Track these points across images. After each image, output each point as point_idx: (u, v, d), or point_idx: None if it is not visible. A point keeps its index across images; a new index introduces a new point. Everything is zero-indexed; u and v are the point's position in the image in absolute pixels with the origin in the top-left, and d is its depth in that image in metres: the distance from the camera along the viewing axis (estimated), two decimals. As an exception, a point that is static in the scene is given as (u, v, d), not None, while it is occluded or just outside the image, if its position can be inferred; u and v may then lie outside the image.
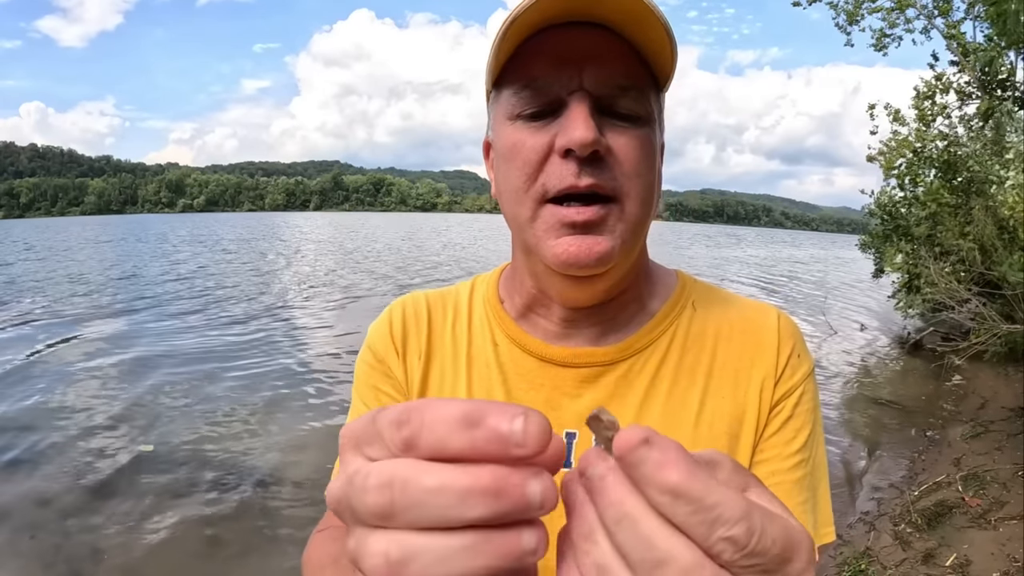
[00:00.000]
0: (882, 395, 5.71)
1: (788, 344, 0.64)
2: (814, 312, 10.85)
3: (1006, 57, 6.09)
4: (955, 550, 2.83)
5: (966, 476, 3.62)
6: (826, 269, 22.28)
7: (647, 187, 0.57)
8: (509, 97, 0.56)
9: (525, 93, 0.55)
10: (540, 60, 0.54)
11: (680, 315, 0.65)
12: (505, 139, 0.57)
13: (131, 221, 79.37)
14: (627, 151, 0.54)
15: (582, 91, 0.53)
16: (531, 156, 0.55)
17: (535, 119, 0.55)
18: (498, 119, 0.59)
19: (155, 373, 5.91)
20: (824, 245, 53.02)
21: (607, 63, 0.54)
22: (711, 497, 0.21)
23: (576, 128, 0.51)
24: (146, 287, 12.32)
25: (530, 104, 0.55)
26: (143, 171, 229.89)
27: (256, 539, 3.11)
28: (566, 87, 0.53)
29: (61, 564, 2.91)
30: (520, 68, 0.55)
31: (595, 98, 0.53)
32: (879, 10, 7.19)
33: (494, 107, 0.60)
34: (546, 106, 0.55)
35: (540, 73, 0.54)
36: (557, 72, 0.53)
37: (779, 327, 0.65)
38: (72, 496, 3.52)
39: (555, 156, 0.54)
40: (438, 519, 0.21)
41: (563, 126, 0.53)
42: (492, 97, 0.60)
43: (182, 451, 4.16)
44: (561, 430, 0.61)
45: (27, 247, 25.45)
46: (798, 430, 0.61)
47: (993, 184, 4.74)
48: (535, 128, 0.55)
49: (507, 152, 0.57)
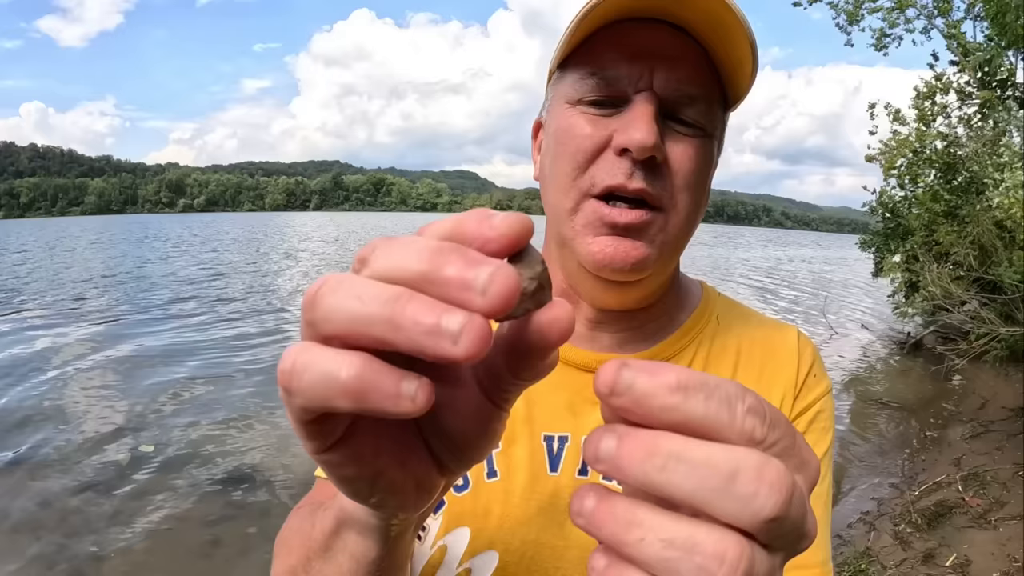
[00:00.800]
0: (882, 395, 5.71)
1: (807, 362, 0.65)
2: (815, 312, 10.84)
3: (1005, 57, 6.09)
4: (955, 550, 2.83)
5: (966, 476, 3.62)
6: (827, 268, 22.28)
7: (696, 202, 0.55)
8: (573, 82, 0.55)
9: (591, 81, 0.53)
10: (612, 51, 0.52)
11: (704, 328, 0.65)
12: (561, 122, 0.55)
13: (131, 221, 79.38)
14: (683, 162, 0.53)
15: (650, 91, 0.51)
16: (585, 144, 0.53)
17: (596, 107, 0.53)
18: (557, 101, 0.57)
19: (156, 373, 5.91)
20: (824, 245, 53.00)
21: (680, 67, 0.52)
22: (711, 379, 0.20)
23: (637, 129, 0.50)
24: (146, 287, 12.31)
25: (594, 92, 0.53)
26: (143, 171, 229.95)
27: (256, 539, 3.12)
28: (634, 84, 0.52)
29: (63, 564, 2.92)
30: (590, 54, 0.53)
31: (661, 101, 0.52)
32: (879, 10, 7.19)
33: (555, 88, 0.58)
34: (610, 98, 0.53)
35: (610, 64, 0.52)
36: (628, 66, 0.52)
37: (799, 346, 0.66)
38: (73, 496, 3.53)
39: (610, 151, 0.52)
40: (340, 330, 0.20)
41: (624, 123, 0.51)
42: (555, 77, 0.58)
43: (182, 451, 4.16)
44: (579, 436, 0.59)
45: (26, 246, 25.45)
46: (813, 445, 0.60)
47: (989, 186, 4.74)
48: (595, 117, 0.53)
49: (561, 136, 0.55)
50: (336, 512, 0.35)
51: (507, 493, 0.58)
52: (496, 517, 0.58)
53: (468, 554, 0.58)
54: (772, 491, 0.19)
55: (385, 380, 0.19)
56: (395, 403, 0.19)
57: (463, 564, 0.58)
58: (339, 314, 0.20)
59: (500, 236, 0.21)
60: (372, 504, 0.27)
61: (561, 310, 0.22)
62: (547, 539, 0.58)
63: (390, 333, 0.19)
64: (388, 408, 0.19)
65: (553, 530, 0.58)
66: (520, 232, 0.21)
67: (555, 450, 0.59)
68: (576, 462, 0.59)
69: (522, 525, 0.58)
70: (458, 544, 0.59)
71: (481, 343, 0.18)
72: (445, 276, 0.19)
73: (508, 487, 0.58)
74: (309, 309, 0.21)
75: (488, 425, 0.26)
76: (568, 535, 0.58)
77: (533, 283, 0.22)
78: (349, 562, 0.35)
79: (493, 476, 0.60)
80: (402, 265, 0.20)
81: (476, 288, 0.19)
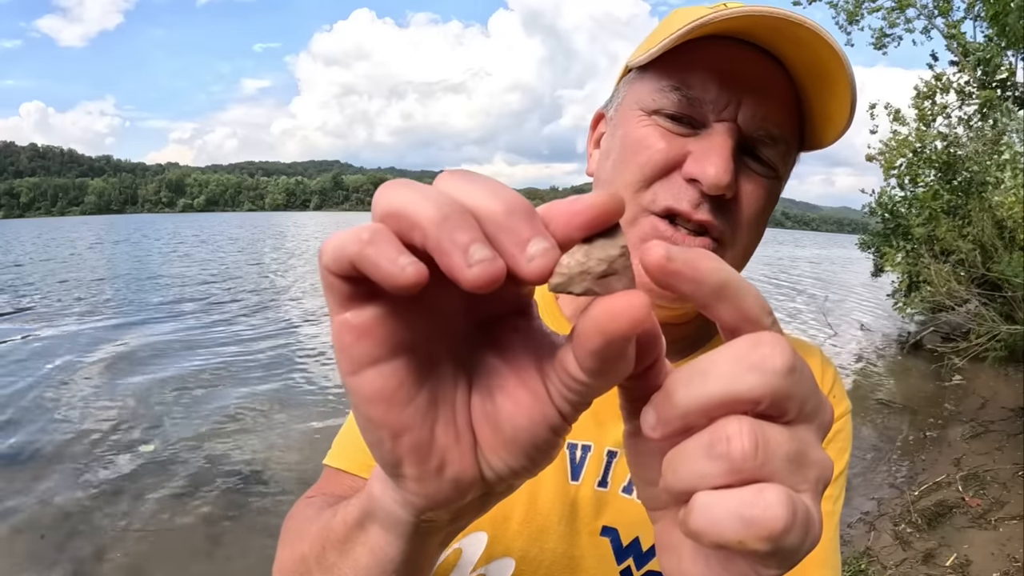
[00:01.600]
0: (882, 395, 5.71)
1: (829, 382, 0.65)
2: (814, 312, 10.84)
3: (1005, 57, 6.09)
4: (955, 550, 2.83)
5: (966, 476, 3.62)
6: (827, 268, 22.27)
7: (754, 240, 0.54)
8: (653, 91, 0.52)
9: (674, 95, 0.51)
10: (702, 70, 0.50)
11: None
12: (633, 129, 0.53)
13: (131, 221, 79.41)
14: (752, 201, 0.51)
15: (733, 123, 0.49)
16: (656, 158, 0.51)
17: (673, 121, 0.51)
18: (630, 104, 0.55)
19: (156, 372, 5.90)
20: (824, 245, 52.98)
21: (769, 103, 0.50)
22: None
23: (713, 164, 0.48)
24: (146, 285, 12.31)
25: (674, 107, 0.51)
26: (143, 171, 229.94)
27: (256, 539, 3.12)
28: (718, 111, 0.49)
29: (64, 563, 2.91)
30: (677, 65, 0.51)
31: (742, 135, 0.50)
32: (879, 10, 7.20)
33: (630, 88, 0.56)
34: (689, 116, 0.51)
35: (698, 84, 0.50)
36: (717, 91, 0.49)
37: (822, 366, 0.66)
38: (73, 495, 3.52)
39: (679, 174, 0.50)
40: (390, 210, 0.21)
41: (701, 151, 0.49)
42: (631, 76, 0.56)
43: (183, 451, 4.16)
44: (602, 447, 0.58)
45: (27, 247, 25.46)
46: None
47: (989, 186, 4.75)
48: (670, 133, 0.51)
49: (631, 144, 0.53)
50: (364, 502, 0.33)
51: (528, 500, 0.57)
52: (515, 523, 0.57)
53: (484, 559, 0.57)
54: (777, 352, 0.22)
55: (391, 248, 0.20)
56: (389, 266, 0.20)
57: (478, 569, 0.57)
58: (394, 199, 0.21)
59: (582, 210, 0.21)
60: (395, 473, 0.26)
61: (625, 299, 0.21)
62: (564, 549, 0.57)
63: (429, 227, 0.20)
64: (382, 267, 0.20)
65: (571, 539, 0.57)
66: (602, 210, 0.21)
67: (577, 459, 0.59)
68: (597, 473, 0.58)
69: (541, 533, 0.57)
70: (474, 548, 0.58)
71: (489, 278, 0.19)
72: (511, 225, 0.20)
73: (529, 494, 0.57)
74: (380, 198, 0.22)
75: (541, 426, 0.25)
76: (584, 546, 0.57)
77: (602, 264, 0.21)
78: (367, 557, 0.33)
79: None
80: (478, 199, 0.21)
81: (528, 251, 0.20)
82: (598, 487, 0.58)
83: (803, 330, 8.89)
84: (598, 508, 0.57)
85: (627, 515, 0.57)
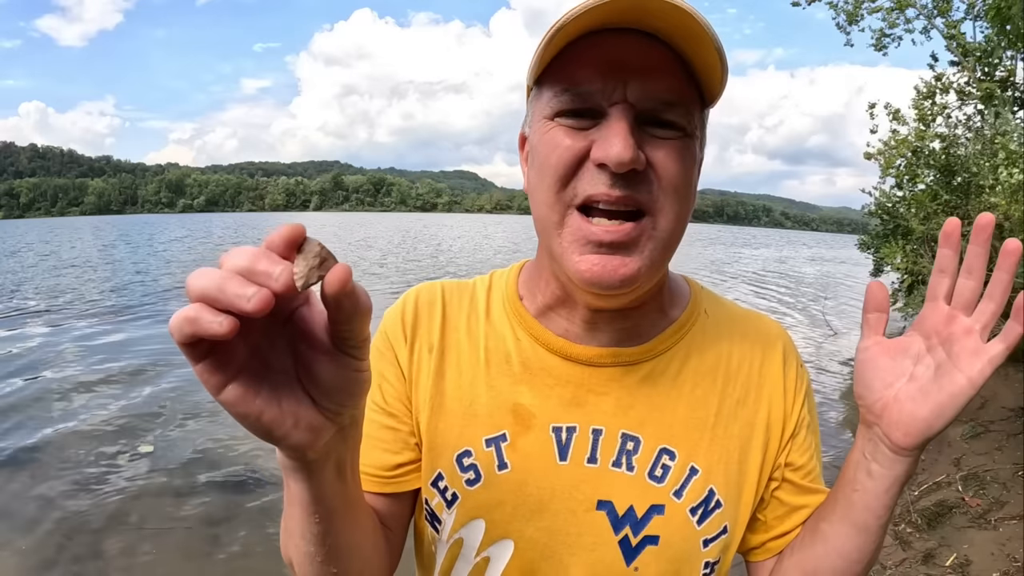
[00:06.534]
0: (882, 395, 5.69)
1: (792, 356, 0.70)
2: (814, 312, 10.84)
3: (1005, 57, 6.08)
4: (955, 550, 2.83)
5: (966, 476, 3.62)
6: (827, 269, 22.28)
7: (683, 203, 0.56)
8: (550, 98, 0.55)
9: (565, 96, 0.54)
10: (584, 66, 0.53)
11: (696, 322, 0.68)
12: (541, 137, 0.56)
13: (131, 221, 79.38)
14: (666, 165, 0.53)
15: (625, 103, 0.52)
16: (566, 157, 0.54)
17: (574, 118, 0.54)
18: (536, 117, 0.58)
19: (156, 372, 5.91)
20: (824, 245, 53.00)
21: (653, 77, 0.52)
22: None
23: (613, 145, 0.50)
24: (147, 285, 12.31)
25: (569, 105, 0.54)
26: (143, 171, 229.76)
27: (256, 539, 3.12)
28: (608, 97, 0.52)
29: (64, 564, 2.92)
30: (563, 70, 0.54)
31: (637, 110, 0.52)
32: (879, 10, 7.18)
33: (534, 103, 0.59)
34: (586, 110, 0.53)
35: (583, 79, 0.53)
36: (601, 80, 0.52)
37: (782, 339, 0.71)
38: (73, 496, 3.53)
39: (590, 164, 0.53)
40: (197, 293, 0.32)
41: (601, 137, 0.52)
42: (533, 94, 0.60)
43: (183, 451, 4.16)
44: (587, 426, 0.62)
45: (26, 246, 25.45)
46: (813, 421, 0.69)
47: (986, 188, 4.75)
48: (573, 131, 0.54)
49: (542, 149, 0.56)
50: (282, 472, 0.45)
51: (519, 484, 0.61)
52: (508, 508, 0.61)
53: (485, 544, 0.61)
54: None
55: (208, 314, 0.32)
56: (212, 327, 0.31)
57: (480, 553, 0.61)
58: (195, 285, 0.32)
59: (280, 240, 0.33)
60: (271, 439, 0.38)
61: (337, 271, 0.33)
62: (560, 526, 0.60)
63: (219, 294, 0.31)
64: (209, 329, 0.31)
65: (566, 516, 0.60)
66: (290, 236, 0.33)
67: (563, 440, 0.62)
68: (584, 451, 0.61)
69: (535, 514, 0.61)
70: (474, 536, 0.62)
71: (263, 303, 0.31)
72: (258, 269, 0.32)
73: (520, 478, 0.61)
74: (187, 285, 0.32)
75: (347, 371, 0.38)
76: (581, 522, 0.61)
77: (317, 259, 0.33)
78: (295, 508, 0.47)
79: (504, 468, 0.62)
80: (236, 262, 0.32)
81: (273, 276, 0.31)
82: (588, 464, 0.61)
83: (804, 330, 8.89)
84: (590, 484, 0.61)
85: (619, 487, 0.61)
